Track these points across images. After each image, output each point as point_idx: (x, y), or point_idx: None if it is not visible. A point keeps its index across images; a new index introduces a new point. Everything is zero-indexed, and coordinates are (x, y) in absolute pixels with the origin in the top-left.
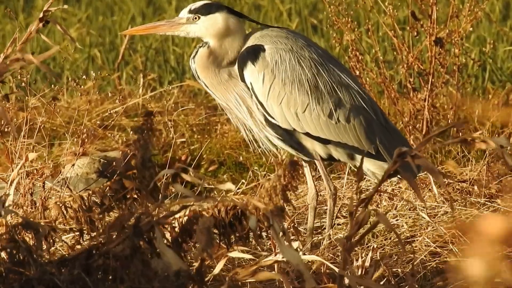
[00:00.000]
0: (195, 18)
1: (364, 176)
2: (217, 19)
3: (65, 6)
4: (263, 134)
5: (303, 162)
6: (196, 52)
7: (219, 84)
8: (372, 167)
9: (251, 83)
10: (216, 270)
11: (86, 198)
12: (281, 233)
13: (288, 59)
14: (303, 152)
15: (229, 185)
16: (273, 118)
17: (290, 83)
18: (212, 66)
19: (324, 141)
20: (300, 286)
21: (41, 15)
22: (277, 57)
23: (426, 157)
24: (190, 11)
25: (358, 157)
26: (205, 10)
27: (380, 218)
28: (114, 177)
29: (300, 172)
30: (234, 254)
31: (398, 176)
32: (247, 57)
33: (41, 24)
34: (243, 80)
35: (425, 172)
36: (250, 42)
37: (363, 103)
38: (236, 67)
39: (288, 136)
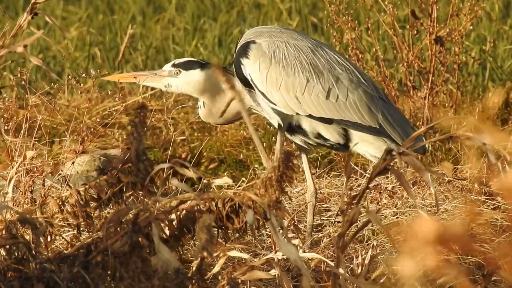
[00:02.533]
0: (177, 73)
1: (364, 174)
2: (195, 75)
3: None
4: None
5: (304, 159)
6: (198, 111)
7: (233, 115)
8: (374, 151)
9: (249, 74)
10: (216, 269)
11: (83, 193)
12: (279, 228)
13: (284, 48)
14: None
15: (226, 179)
16: (275, 105)
17: (286, 67)
18: (218, 114)
19: (327, 121)
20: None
21: (29, 7)
22: (275, 47)
23: (425, 155)
24: (173, 65)
25: (358, 139)
26: (187, 65)
27: (370, 216)
28: (111, 171)
29: (295, 162)
30: (233, 253)
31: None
32: (240, 55)
33: (30, 17)
34: (244, 80)
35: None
36: (242, 41)
37: (361, 79)
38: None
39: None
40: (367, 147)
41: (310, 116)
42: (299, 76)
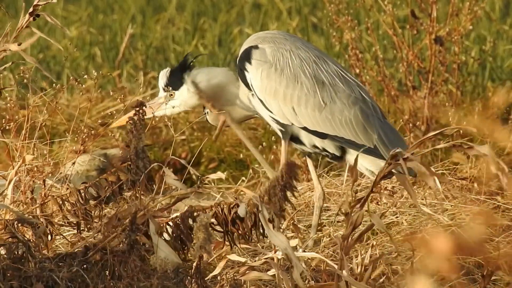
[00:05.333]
0: (171, 95)
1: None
2: (186, 93)
3: (54, 0)
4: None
5: (309, 162)
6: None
7: (239, 119)
8: (369, 165)
9: (250, 80)
10: (216, 271)
11: (82, 191)
12: (268, 219)
13: (288, 56)
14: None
15: (219, 174)
16: (272, 113)
17: (287, 78)
18: (225, 118)
19: (321, 136)
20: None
21: (31, 9)
22: (279, 55)
23: (426, 154)
24: (164, 89)
25: (354, 153)
26: (174, 83)
27: (374, 220)
28: (110, 170)
29: (299, 172)
30: (233, 257)
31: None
32: (244, 59)
33: (31, 18)
34: (245, 83)
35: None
36: (245, 46)
37: (360, 97)
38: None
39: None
40: (362, 160)
41: (305, 128)
42: (299, 88)
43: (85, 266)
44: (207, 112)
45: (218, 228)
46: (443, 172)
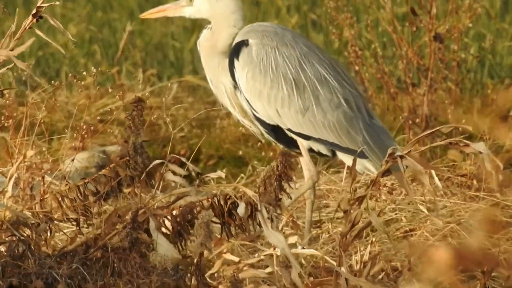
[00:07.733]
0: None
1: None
2: (203, 2)
3: (57, 3)
4: (255, 128)
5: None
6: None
7: (211, 68)
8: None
9: (238, 79)
10: (214, 269)
11: (81, 187)
12: (267, 218)
13: (272, 56)
14: (292, 146)
15: (219, 173)
16: (257, 113)
17: (271, 79)
18: (210, 50)
19: (305, 137)
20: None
21: (34, 11)
22: (263, 54)
23: (425, 152)
24: None
25: (340, 153)
26: None
27: (372, 218)
28: (109, 165)
29: (294, 161)
30: (228, 256)
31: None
32: (234, 54)
33: (34, 20)
34: (232, 75)
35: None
36: (238, 37)
37: (346, 98)
38: (227, 60)
39: (274, 131)
40: (349, 160)
41: (289, 130)
42: (282, 89)
43: (84, 263)
44: (207, 27)
45: (215, 219)
46: (442, 168)
